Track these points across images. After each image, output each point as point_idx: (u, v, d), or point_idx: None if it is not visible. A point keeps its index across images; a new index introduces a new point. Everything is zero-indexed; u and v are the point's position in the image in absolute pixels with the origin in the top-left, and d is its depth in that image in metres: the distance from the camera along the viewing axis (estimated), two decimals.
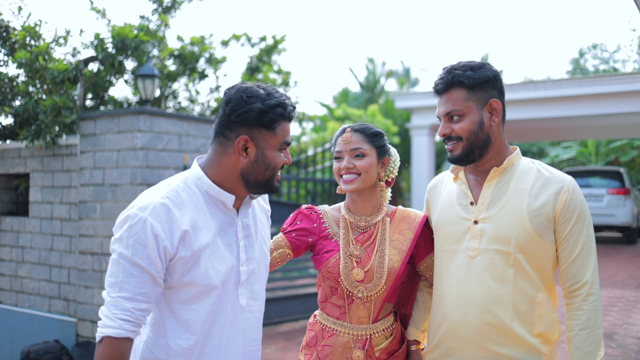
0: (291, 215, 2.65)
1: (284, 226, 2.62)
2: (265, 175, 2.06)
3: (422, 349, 2.56)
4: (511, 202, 2.25)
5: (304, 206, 2.67)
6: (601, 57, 32.99)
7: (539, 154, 28.02)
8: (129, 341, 1.91)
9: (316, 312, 2.62)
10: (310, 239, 2.57)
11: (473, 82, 2.26)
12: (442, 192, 2.51)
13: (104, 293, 1.92)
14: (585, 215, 2.24)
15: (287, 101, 2.05)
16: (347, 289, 2.44)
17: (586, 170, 17.70)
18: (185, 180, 2.06)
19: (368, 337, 2.46)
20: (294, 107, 2.11)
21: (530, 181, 2.27)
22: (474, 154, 2.29)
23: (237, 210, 2.14)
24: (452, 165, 2.42)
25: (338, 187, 2.58)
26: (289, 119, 2.07)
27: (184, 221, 1.96)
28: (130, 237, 1.89)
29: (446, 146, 2.36)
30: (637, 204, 16.99)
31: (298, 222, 2.60)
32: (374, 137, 2.52)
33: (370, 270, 2.44)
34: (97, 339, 1.90)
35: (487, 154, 2.30)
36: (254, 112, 1.98)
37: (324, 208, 2.66)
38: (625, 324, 7.47)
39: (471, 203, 2.33)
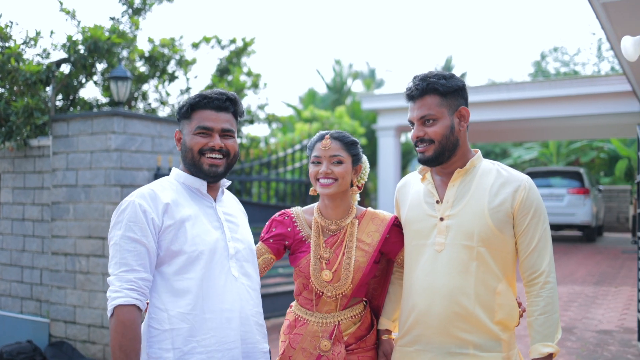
0: (267, 223, 2.86)
1: (262, 235, 2.84)
2: (188, 158, 2.40)
3: (393, 339, 2.75)
4: (474, 200, 2.46)
5: (277, 214, 2.88)
6: (562, 60, 33.60)
7: (502, 155, 28.46)
8: (137, 309, 2.16)
9: (292, 303, 2.85)
10: (286, 242, 2.79)
11: (446, 89, 2.48)
12: (410, 191, 2.71)
13: (109, 278, 2.20)
14: (541, 211, 2.46)
15: (211, 94, 2.41)
16: (316, 288, 2.66)
17: (547, 170, 18.12)
18: (167, 178, 2.47)
19: (336, 324, 2.67)
20: (219, 98, 2.41)
21: (491, 181, 2.48)
22: (443, 155, 2.50)
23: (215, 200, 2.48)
24: (420, 167, 2.63)
25: (312, 188, 2.77)
26: (212, 106, 2.41)
27: (166, 198, 2.30)
28: (123, 219, 2.23)
29: (417, 148, 2.56)
30: (596, 204, 17.43)
31: (273, 229, 2.81)
32: (351, 146, 2.72)
33: (338, 271, 2.65)
34: (109, 314, 2.14)
35: (454, 156, 2.51)
36: (181, 108, 2.43)
37: (296, 211, 2.86)
38: (584, 318, 7.76)
39: (437, 201, 2.53)
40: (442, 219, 2.49)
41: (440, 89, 2.47)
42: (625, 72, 9.35)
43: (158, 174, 6.35)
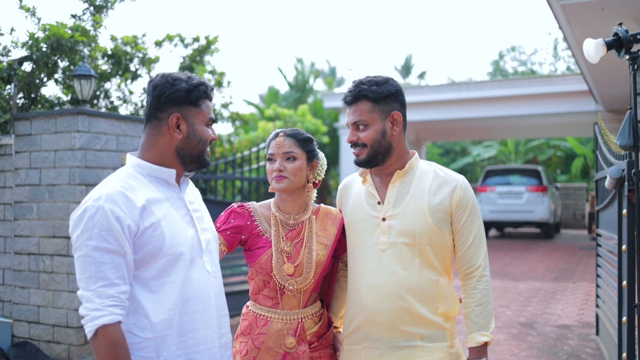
0: (223, 213, 2.81)
1: (217, 225, 2.76)
2: (198, 149, 2.28)
3: (340, 332, 2.85)
4: (414, 201, 2.57)
5: (235, 204, 2.85)
6: (519, 59, 34.20)
7: (462, 153, 28.84)
8: (120, 325, 2.00)
9: (248, 303, 2.82)
10: (242, 236, 2.76)
11: (377, 95, 2.56)
12: (352, 192, 2.80)
13: (80, 292, 2.01)
14: (476, 209, 2.61)
15: (206, 82, 2.32)
16: (279, 283, 2.67)
17: (507, 168, 18.43)
18: (126, 170, 2.23)
19: (299, 321, 2.69)
20: (213, 89, 2.37)
21: (429, 181, 2.60)
22: (377, 158, 2.60)
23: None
24: (360, 169, 2.74)
25: (270, 186, 2.79)
26: (210, 97, 2.34)
27: (139, 200, 2.11)
28: (93, 227, 2.00)
29: (353, 151, 2.67)
30: (554, 201, 17.80)
31: (232, 221, 2.76)
32: (305, 142, 2.75)
33: (300, 265, 2.68)
34: (90, 334, 1.98)
35: (389, 159, 2.61)
36: (182, 91, 2.21)
37: (253, 205, 2.85)
38: (544, 313, 7.96)
39: (378, 202, 2.63)
40: (384, 219, 2.58)
41: (371, 96, 2.56)
42: (582, 72, 9.60)
43: None
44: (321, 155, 2.87)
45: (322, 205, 2.89)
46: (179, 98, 2.21)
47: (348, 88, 2.65)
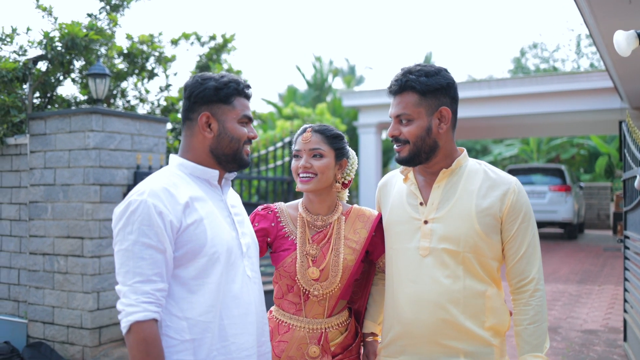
0: (249, 218, 2.69)
1: None
2: (231, 148, 2.21)
3: (378, 341, 2.65)
4: (460, 203, 2.33)
5: (260, 207, 2.73)
6: (541, 56, 33.85)
7: (483, 152, 28.56)
8: (155, 322, 1.96)
9: (272, 308, 2.69)
10: (268, 239, 2.64)
11: (425, 88, 2.31)
12: (392, 191, 2.58)
13: (118, 287, 1.98)
14: (530, 215, 2.36)
15: (240, 79, 2.25)
16: (303, 287, 2.52)
17: (529, 167, 18.18)
18: (169, 169, 2.21)
19: (323, 331, 2.54)
20: (249, 86, 2.28)
21: (478, 182, 2.36)
22: (419, 157, 2.36)
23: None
24: (402, 167, 2.51)
25: (298, 186, 2.64)
26: (245, 95, 2.26)
27: (182, 196, 2.07)
28: (135, 221, 1.97)
29: (394, 146, 2.43)
30: (577, 201, 17.53)
31: (256, 224, 2.65)
32: (334, 139, 2.59)
33: (326, 269, 2.52)
34: (125, 330, 1.94)
35: (434, 157, 2.37)
36: (210, 89, 2.18)
37: (280, 206, 2.72)
38: (569, 317, 7.75)
39: (420, 203, 2.40)
40: (426, 222, 2.36)
41: (418, 87, 2.32)
42: (607, 69, 9.38)
43: (138, 172, 6.26)
44: (352, 153, 2.71)
45: (354, 205, 2.72)
46: (208, 96, 2.18)
47: (395, 76, 2.40)
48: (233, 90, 2.20)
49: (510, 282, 2.38)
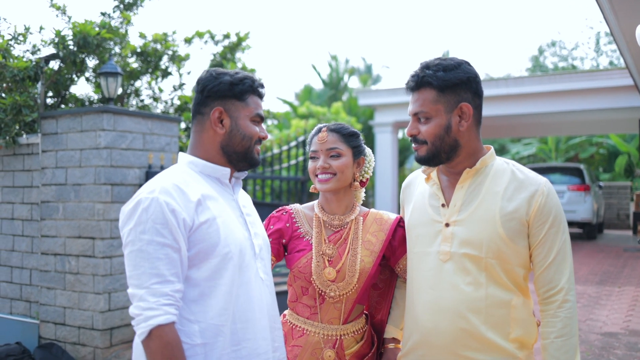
0: (264, 222, 2.61)
1: None
2: (242, 146, 2.14)
3: (400, 348, 2.52)
4: (483, 205, 2.19)
5: (274, 211, 2.67)
6: (560, 55, 33.55)
7: (500, 151, 28.36)
8: (174, 326, 1.88)
9: (285, 312, 2.61)
10: (283, 240, 2.57)
11: (443, 83, 2.18)
12: (415, 192, 2.47)
13: (131, 290, 1.88)
14: (560, 219, 2.18)
15: (255, 77, 2.18)
16: (318, 288, 2.43)
17: (547, 166, 17.98)
18: (179, 167, 2.13)
19: (338, 338, 2.45)
20: (263, 85, 2.22)
21: (504, 183, 2.21)
22: (439, 157, 2.24)
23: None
24: (424, 166, 2.37)
25: (312, 185, 2.58)
26: (259, 94, 2.19)
27: (194, 194, 1.99)
28: (147, 219, 1.89)
29: (413, 145, 2.31)
30: (596, 200, 17.31)
31: (272, 227, 2.59)
32: (350, 137, 2.52)
33: (342, 270, 2.43)
34: (144, 335, 1.84)
35: (455, 157, 2.24)
36: (225, 84, 2.11)
37: (295, 207, 2.66)
38: (588, 320, 7.59)
39: (442, 205, 2.27)
40: (447, 225, 2.23)
41: (435, 83, 2.18)
42: (627, 66, 9.21)
43: (149, 172, 6.20)
44: (368, 151, 2.64)
45: (372, 209, 2.64)
46: (222, 91, 2.12)
47: (412, 71, 2.28)
48: (248, 87, 2.15)
49: (538, 291, 2.23)
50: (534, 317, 2.26)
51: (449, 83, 2.18)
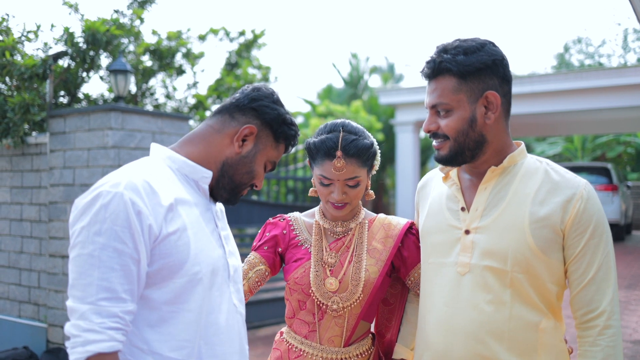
0: (260, 230, 2.38)
1: (254, 243, 2.35)
2: (241, 179, 1.85)
3: None
4: (510, 210, 1.87)
5: (271, 218, 2.41)
6: (586, 52, 33.05)
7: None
8: (119, 356, 1.55)
9: (283, 329, 2.34)
10: (279, 249, 2.30)
11: (464, 69, 1.86)
12: (431, 193, 2.14)
13: (71, 304, 1.52)
14: (602, 229, 1.85)
15: (299, 133, 1.96)
16: (318, 301, 2.16)
17: (573, 166, 17.59)
18: (153, 161, 1.77)
19: None
20: (295, 145, 1.96)
21: (536, 185, 1.89)
22: (463, 155, 1.92)
23: None
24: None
25: (312, 189, 2.28)
26: (291, 145, 1.93)
27: (166, 197, 1.64)
28: (106, 219, 1.53)
29: (433, 142, 1.98)
30: (625, 201, 16.92)
31: (267, 234, 2.33)
32: (368, 158, 2.16)
33: (345, 279, 2.16)
34: None
35: (481, 154, 1.93)
36: (278, 115, 1.86)
37: (294, 215, 2.38)
38: None
39: (462, 209, 1.96)
40: (467, 232, 1.92)
41: (455, 69, 1.85)
42: None
43: None
44: (377, 152, 2.27)
45: (380, 215, 2.33)
46: (269, 117, 1.85)
47: (428, 56, 1.96)
48: (290, 136, 1.90)
49: (575, 313, 1.88)
50: (565, 343, 1.95)
51: (471, 68, 1.86)
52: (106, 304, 1.50)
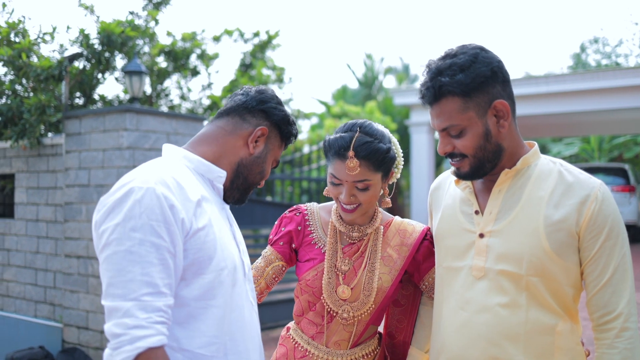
0: (275, 223, 2.33)
1: (270, 237, 2.31)
2: (254, 178, 1.90)
3: None
4: (524, 213, 1.86)
5: (287, 210, 2.35)
6: (603, 52, 32.77)
7: (541, 151, 27.82)
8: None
9: (290, 325, 2.30)
10: (294, 245, 2.26)
11: (467, 88, 1.81)
12: (444, 196, 2.12)
13: (111, 303, 1.49)
14: (618, 230, 1.82)
15: (298, 134, 2.05)
16: (329, 307, 2.13)
17: (590, 167, 17.46)
18: (173, 160, 1.78)
19: None
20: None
21: (550, 187, 1.87)
22: (484, 167, 1.89)
23: None
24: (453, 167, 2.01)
25: (326, 188, 2.21)
26: (290, 143, 2.04)
27: (194, 193, 1.65)
28: (141, 214, 1.51)
29: (450, 162, 1.96)
30: None
31: (283, 229, 2.28)
32: (382, 163, 2.08)
33: (357, 288, 2.12)
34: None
35: (500, 162, 1.91)
36: (283, 115, 1.92)
37: (311, 207, 2.32)
38: None
39: (476, 212, 1.94)
40: (481, 236, 1.90)
41: (458, 90, 1.81)
42: None
43: None
44: (399, 155, 2.23)
45: (396, 218, 2.28)
46: (277, 118, 1.92)
47: (422, 80, 1.93)
48: (292, 135, 1.99)
49: (592, 316, 1.86)
50: (582, 346, 1.91)
51: (473, 84, 1.82)
52: (150, 298, 1.48)
